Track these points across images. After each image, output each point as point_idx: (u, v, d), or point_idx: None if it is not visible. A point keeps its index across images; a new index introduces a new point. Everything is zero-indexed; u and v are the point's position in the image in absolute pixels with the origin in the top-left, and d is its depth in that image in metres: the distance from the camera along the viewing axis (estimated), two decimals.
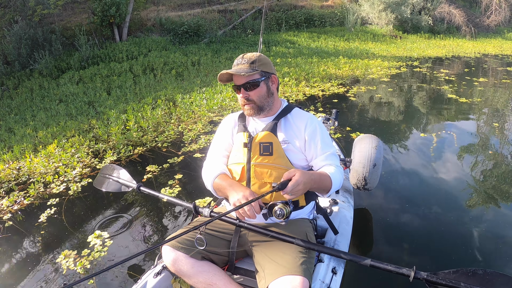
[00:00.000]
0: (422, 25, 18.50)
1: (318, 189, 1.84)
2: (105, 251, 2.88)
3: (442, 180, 3.97)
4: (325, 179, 1.81)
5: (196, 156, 4.65)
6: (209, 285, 1.77)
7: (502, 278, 1.48)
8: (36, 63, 10.66)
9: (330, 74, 9.49)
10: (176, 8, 16.86)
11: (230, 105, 6.73)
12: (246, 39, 14.55)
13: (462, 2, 21.78)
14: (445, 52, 14.36)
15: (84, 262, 2.74)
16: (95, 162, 4.57)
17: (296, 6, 18.30)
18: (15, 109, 8.07)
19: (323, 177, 1.81)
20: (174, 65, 10.42)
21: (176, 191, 3.83)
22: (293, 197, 1.68)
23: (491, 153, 4.77)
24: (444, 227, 3.09)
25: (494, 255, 2.77)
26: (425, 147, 4.92)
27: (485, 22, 20.50)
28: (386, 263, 1.65)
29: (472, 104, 7.08)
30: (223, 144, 2.08)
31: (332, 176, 1.83)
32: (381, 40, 16.39)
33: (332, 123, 3.56)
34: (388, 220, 3.21)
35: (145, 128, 5.53)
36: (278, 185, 1.63)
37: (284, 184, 1.63)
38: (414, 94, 8.03)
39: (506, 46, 17.00)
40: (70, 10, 14.12)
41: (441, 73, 10.33)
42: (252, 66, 1.90)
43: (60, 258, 2.82)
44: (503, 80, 9.59)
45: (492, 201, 3.55)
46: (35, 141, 5.47)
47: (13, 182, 4.20)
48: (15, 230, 3.35)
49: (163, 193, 2.33)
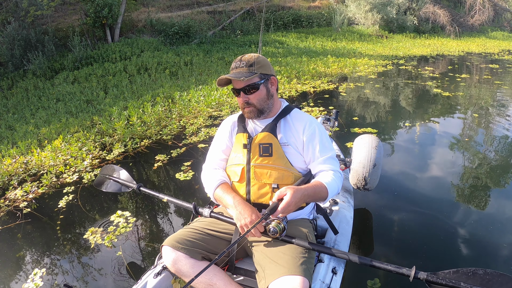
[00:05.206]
0: (407, 25, 18.97)
1: (313, 200, 1.85)
2: (130, 227, 3.08)
3: (442, 179, 3.98)
4: (320, 191, 1.78)
5: (200, 147, 4.93)
6: (209, 285, 1.77)
7: (502, 278, 1.49)
8: (29, 63, 10.75)
9: (319, 72, 9.82)
10: (166, 9, 17.02)
11: (227, 101, 6.99)
12: (236, 39, 14.79)
13: (446, 2, 22.36)
14: (430, 51, 14.85)
15: (112, 237, 2.97)
16: (104, 154, 4.80)
17: (284, 7, 18.62)
18: (12, 109, 8.16)
19: (317, 189, 1.78)
20: (168, 65, 10.61)
21: (190, 175, 4.08)
22: (286, 214, 1.70)
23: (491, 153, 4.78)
24: (444, 227, 3.09)
25: (494, 255, 2.76)
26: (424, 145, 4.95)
27: (469, 21, 21.10)
28: (386, 263, 1.66)
29: (459, 99, 7.47)
30: (222, 147, 2.07)
31: (328, 186, 1.80)
32: (367, 39, 16.82)
33: (332, 123, 3.56)
34: (388, 220, 3.21)
35: (148, 123, 5.77)
36: (267, 211, 1.66)
37: (274, 209, 1.65)
38: (400, 90, 8.41)
39: (489, 44, 17.63)
40: (62, 11, 14.20)
41: (425, 70, 10.77)
42: (251, 69, 1.86)
43: (88, 235, 3.06)
44: (485, 77, 10.07)
45: (493, 201, 3.54)
46: (39, 137, 5.64)
47: (23, 175, 4.39)
48: (34, 216, 3.55)
49: (163, 193, 2.36)
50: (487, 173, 4.17)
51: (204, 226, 1.96)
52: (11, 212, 3.64)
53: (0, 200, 3.85)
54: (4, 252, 3.09)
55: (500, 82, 9.31)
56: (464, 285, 1.50)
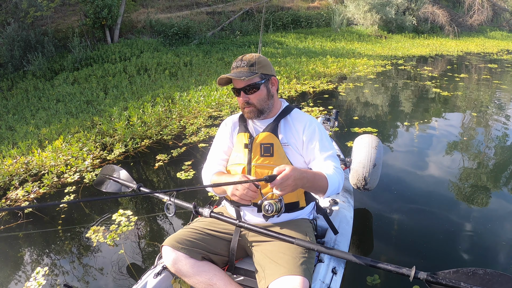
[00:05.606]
0: (406, 25, 19.02)
1: (312, 188, 1.77)
2: (131, 226, 3.10)
3: (442, 179, 3.98)
4: (320, 179, 1.72)
5: (200, 146, 4.95)
6: (209, 285, 1.76)
7: (502, 278, 1.48)
8: (29, 64, 10.76)
9: (319, 72, 9.85)
10: (165, 10, 17.05)
11: (226, 101, 7.01)
12: (235, 40, 14.82)
13: (445, 2, 22.43)
14: (429, 51, 14.88)
15: (114, 235, 2.99)
16: (104, 154, 4.81)
17: (283, 7, 18.66)
18: (12, 109, 8.18)
19: (317, 176, 1.72)
20: (167, 65, 10.63)
21: (191, 174, 4.11)
22: (283, 193, 1.58)
23: (490, 152, 4.79)
24: (444, 227, 3.09)
25: (494, 255, 2.76)
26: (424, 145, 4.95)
27: (468, 21, 21.16)
28: (386, 263, 1.65)
29: (458, 99, 7.50)
30: (223, 148, 2.07)
31: (329, 178, 1.74)
32: (366, 40, 16.86)
33: (332, 123, 3.56)
34: (388, 220, 3.21)
35: (148, 123, 5.79)
36: (267, 176, 1.56)
37: (273, 177, 1.56)
38: (400, 90, 8.44)
39: (488, 44, 17.68)
40: (61, 12, 14.22)
41: (424, 70, 10.80)
42: (252, 69, 1.86)
43: (90, 233, 3.08)
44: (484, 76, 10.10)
45: (493, 201, 3.54)
46: (39, 138, 5.66)
47: (24, 175, 4.40)
48: (35, 216, 3.57)
49: (163, 193, 2.34)
50: (486, 172, 4.17)
51: (204, 226, 1.97)
52: (13, 212, 3.65)
53: (2, 200, 3.87)
54: (6, 252, 3.11)
55: (499, 82, 9.34)
56: (464, 285, 1.50)
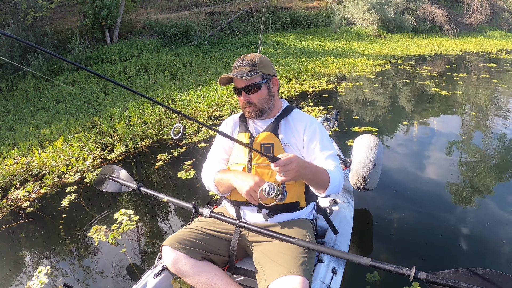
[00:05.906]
0: (405, 24, 19.08)
1: (314, 181, 1.74)
2: (133, 225, 3.11)
3: (442, 179, 3.97)
4: (321, 172, 1.73)
5: (200, 146, 4.97)
6: (209, 285, 1.77)
7: (502, 278, 1.48)
8: (29, 65, 10.77)
9: (318, 72, 9.87)
10: (164, 10, 17.07)
11: (226, 101, 7.03)
12: (234, 40, 14.85)
13: (444, 2, 22.49)
14: (428, 51, 14.93)
15: (116, 234, 3.00)
16: (105, 154, 4.83)
17: (282, 7, 18.68)
18: (12, 110, 8.19)
19: (319, 170, 1.73)
20: (167, 66, 10.64)
21: (192, 173, 4.13)
22: (286, 178, 1.57)
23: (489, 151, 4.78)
24: (444, 227, 3.08)
25: (494, 255, 2.76)
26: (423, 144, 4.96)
27: (467, 21, 21.24)
28: (386, 263, 1.65)
29: (457, 98, 7.52)
30: (223, 147, 2.06)
31: (330, 173, 1.75)
32: (365, 39, 16.89)
33: (332, 123, 3.55)
34: (388, 220, 3.21)
35: (148, 123, 5.81)
36: (271, 155, 1.56)
37: (277, 158, 1.55)
38: (399, 90, 8.47)
39: (487, 43, 17.73)
40: (60, 13, 14.23)
41: (424, 69, 10.83)
42: (253, 68, 1.86)
43: (91, 232, 3.10)
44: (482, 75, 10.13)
45: (493, 201, 3.52)
46: (40, 138, 5.67)
47: (25, 175, 4.41)
48: (36, 215, 3.58)
49: (163, 193, 2.35)
50: (486, 171, 4.16)
51: (204, 226, 1.97)
52: (14, 211, 3.66)
53: (3, 200, 3.88)
54: (8, 251, 3.12)
55: (498, 81, 9.37)
56: (464, 285, 1.49)
